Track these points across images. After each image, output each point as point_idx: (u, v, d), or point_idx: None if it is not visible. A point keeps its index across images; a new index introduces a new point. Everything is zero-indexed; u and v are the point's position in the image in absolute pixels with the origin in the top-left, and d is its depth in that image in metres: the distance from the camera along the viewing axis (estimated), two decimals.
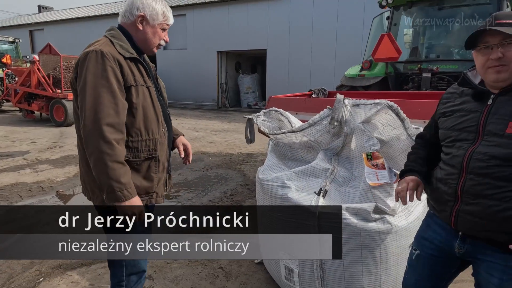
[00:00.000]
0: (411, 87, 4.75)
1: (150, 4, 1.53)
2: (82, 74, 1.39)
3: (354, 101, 2.01)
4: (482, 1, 4.46)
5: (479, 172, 1.16)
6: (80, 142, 1.48)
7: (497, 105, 1.17)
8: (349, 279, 1.89)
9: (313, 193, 1.98)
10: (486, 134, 1.17)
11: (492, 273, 1.20)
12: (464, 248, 1.26)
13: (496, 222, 1.13)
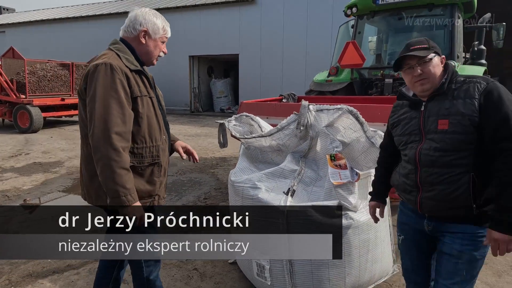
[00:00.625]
0: (375, 92, 5.03)
1: (151, 19, 1.68)
2: (92, 86, 1.48)
3: (318, 107, 2.17)
4: (437, 12, 4.80)
5: (428, 164, 1.42)
6: (86, 149, 1.57)
7: (428, 109, 1.45)
8: (316, 272, 2.03)
9: (282, 193, 2.11)
10: (427, 132, 1.44)
11: (454, 241, 1.44)
12: (431, 225, 1.51)
13: (450, 202, 1.38)
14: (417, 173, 1.46)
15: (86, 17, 17.70)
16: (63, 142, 8.19)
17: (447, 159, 1.37)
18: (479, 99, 1.34)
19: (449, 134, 1.36)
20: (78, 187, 4.90)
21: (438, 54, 1.45)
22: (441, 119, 1.39)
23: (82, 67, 11.09)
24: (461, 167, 1.35)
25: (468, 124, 1.33)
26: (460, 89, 1.40)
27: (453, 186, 1.37)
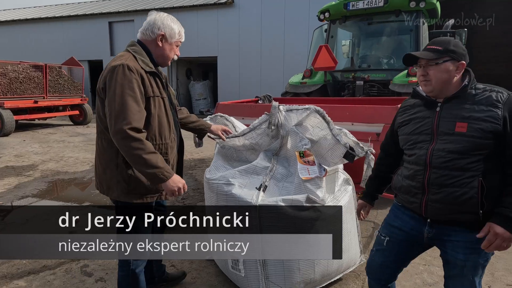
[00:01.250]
0: (347, 94, 5.25)
1: (169, 24, 1.80)
2: (111, 85, 1.60)
3: (287, 107, 2.30)
4: (403, 18, 5.08)
5: (440, 166, 1.40)
6: (101, 143, 1.72)
7: (444, 110, 1.44)
8: (287, 262, 2.15)
9: (254, 188, 2.22)
10: (440, 134, 1.42)
11: (457, 250, 1.45)
12: (432, 233, 1.50)
13: (458, 205, 1.38)
14: (425, 174, 1.44)
15: (60, 18, 17.28)
16: (36, 146, 8.00)
17: (461, 162, 1.36)
18: (503, 108, 1.33)
19: (466, 137, 1.36)
20: (53, 190, 4.84)
21: (456, 60, 1.41)
22: (459, 121, 1.38)
23: (56, 68, 10.85)
24: (472, 171, 1.35)
25: (489, 130, 1.33)
26: (480, 96, 1.39)
27: (462, 190, 1.36)
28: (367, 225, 3.58)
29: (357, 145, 2.22)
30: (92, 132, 10.29)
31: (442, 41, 1.45)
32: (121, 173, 1.70)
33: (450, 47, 1.42)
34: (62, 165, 6.21)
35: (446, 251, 1.50)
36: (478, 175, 1.35)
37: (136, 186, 1.73)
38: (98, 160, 1.80)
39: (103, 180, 1.77)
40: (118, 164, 1.69)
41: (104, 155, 1.71)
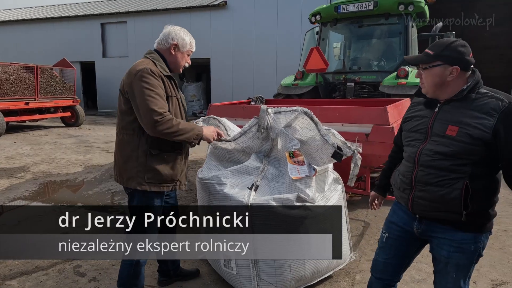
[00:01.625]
0: (338, 95, 5.32)
1: (181, 35, 2.07)
2: (137, 86, 1.85)
3: (276, 109, 2.33)
4: (393, 21, 5.18)
5: (426, 165, 1.44)
6: (122, 137, 1.96)
7: (441, 112, 1.45)
8: (278, 260, 2.19)
9: (246, 188, 2.26)
10: (433, 134, 1.45)
11: (442, 247, 1.47)
12: (421, 228, 1.53)
13: (441, 204, 1.41)
14: (413, 171, 1.48)
15: (52, 19, 17.15)
16: (27, 147, 7.94)
17: (446, 164, 1.38)
18: (497, 118, 1.31)
19: (455, 142, 1.36)
20: (45, 192, 4.83)
21: (448, 64, 1.40)
22: (451, 125, 1.38)
23: (47, 70, 10.77)
24: (458, 173, 1.37)
25: (477, 137, 1.32)
26: (479, 101, 1.37)
27: (446, 189, 1.38)
28: (357, 224, 3.65)
29: (344, 145, 2.27)
30: (84, 134, 10.23)
31: (437, 45, 1.45)
32: (141, 164, 1.92)
33: (444, 51, 1.40)
34: (54, 167, 6.18)
35: (433, 246, 1.54)
36: (464, 177, 1.36)
37: (154, 175, 1.94)
38: (119, 153, 2.00)
39: (123, 171, 1.96)
40: (139, 156, 1.92)
41: (126, 148, 1.94)
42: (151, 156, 1.92)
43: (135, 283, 2.11)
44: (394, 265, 1.70)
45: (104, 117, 15.50)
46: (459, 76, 1.42)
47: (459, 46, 1.42)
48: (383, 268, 1.73)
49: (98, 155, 7.29)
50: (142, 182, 1.92)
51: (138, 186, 1.92)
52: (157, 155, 1.93)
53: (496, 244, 3.14)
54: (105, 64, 16.49)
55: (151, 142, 1.92)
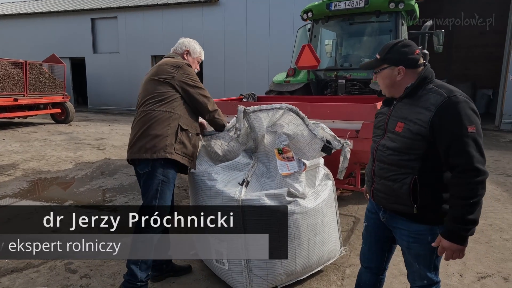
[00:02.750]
0: (329, 92, 5.35)
1: (192, 45, 2.50)
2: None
3: (256, 107, 2.31)
4: (383, 19, 5.21)
5: (380, 159, 1.55)
6: (157, 114, 2.17)
7: (395, 109, 1.55)
8: None
9: (237, 184, 2.28)
10: (388, 131, 1.55)
11: (402, 238, 1.56)
12: (385, 218, 1.62)
13: (394, 197, 1.51)
14: (373, 165, 1.60)
15: (40, 14, 16.86)
16: (16, 144, 7.83)
17: (395, 158, 1.47)
18: (434, 112, 1.36)
19: (399, 137, 1.45)
20: (35, 190, 4.78)
21: (394, 65, 1.48)
22: (399, 121, 1.47)
23: (36, 66, 10.60)
24: (407, 168, 1.44)
25: (416, 133, 1.39)
26: (424, 97, 1.43)
27: (396, 184, 1.47)
28: (347, 219, 3.70)
29: (334, 138, 2.30)
30: (75, 131, 10.12)
31: (383, 48, 1.53)
32: (172, 137, 2.17)
33: (388, 54, 1.50)
34: (43, 164, 6.12)
35: (396, 237, 1.63)
36: (413, 173, 1.43)
37: (181, 147, 2.21)
38: (148, 130, 2.16)
39: (153, 145, 2.13)
40: (172, 130, 2.18)
41: (159, 125, 2.15)
42: (182, 130, 2.21)
43: (146, 261, 2.21)
44: (377, 252, 1.78)
45: (94, 113, 15.34)
46: (408, 74, 1.49)
47: (402, 46, 1.49)
48: (369, 256, 1.81)
49: (89, 152, 7.23)
50: (172, 152, 2.16)
51: (169, 155, 2.14)
52: (185, 131, 2.23)
53: (482, 238, 3.22)
54: (95, 60, 16.29)
55: (182, 119, 2.22)
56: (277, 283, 2.31)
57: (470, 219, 1.32)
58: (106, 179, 5.28)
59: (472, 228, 1.35)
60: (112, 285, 2.44)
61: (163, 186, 2.20)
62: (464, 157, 1.31)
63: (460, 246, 1.37)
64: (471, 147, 1.31)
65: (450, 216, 1.37)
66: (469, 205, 1.31)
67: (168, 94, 2.21)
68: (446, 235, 1.38)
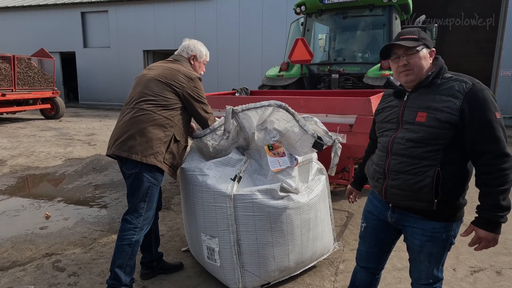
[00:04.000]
0: (323, 86, 5.32)
1: (199, 48, 2.45)
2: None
3: (244, 106, 2.23)
4: (377, 13, 5.18)
5: (399, 153, 1.45)
6: (156, 117, 2.11)
7: (410, 100, 1.48)
8: (261, 251, 2.18)
9: (229, 179, 2.23)
10: (403, 123, 1.47)
11: (414, 236, 1.51)
12: (394, 217, 1.56)
13: (412, 192, 1.42)
14: (386, 160, 1.50)
15: (29, 7, 16.51)
16: (4, 140, 7.67)
17: (417, 151, 1.40)
18: (463, 99, 1.33)
19: (424, 127, 1.38)
20: (23, 186, 4.68)
21: (428, 47, 1.44)
22: (420, 111, 1.40)
23: (25, 60, 10.38)
24: (429, 160, 1.38)
25: (445, 121, 1.34)
26: (445, 85, 1.39)
27: (418, 177, 1.39)
28: (341, 214, 3.68)
29: (326, 134, 2.26)
30: (65, 126, 9.96)
31: (412, 31, 1.47)
32: (165, 146, 2.13)
33: (422, 34, 1.45)
34: (32, 160, 6.00)
35: (406, 236, 1.57)
36: (435, 165, 1.37)
37: (170, 158, 2.17)
38: (144, 132, 2.08)
39: (145, 148, 2.07)
40: (166, 138, 2.13)
41: (156, 129, 2.10)
42: (175, 141, 2.18)
43: (131, 264, 2.15)
44: (375, 253, 1.73)
45: (85, 109, 15.13)
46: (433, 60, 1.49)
47: (425, 33, 1.49)
48: (366, 257, 1.76)
49: (79, 147, 7.11)
50: (161, 161, 2.12)
51: (158, 164, 2.10)
52: (177, 143, 2.20)
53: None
54: (86, 54, 16.03)
55: (176, 130, 2.19)
56: (270, 279, 2.27)
57: (505, 206, 1.31)
58: (97, 175, 5.19)
59: (506, 215, 1.32)
60: (101, 283, 2.39)
61: (153, 189, 2.15)
62: (496, 143, 1.30)
63: (496, 235, 1.34)
64: (501, 133, 1.31)
65: (485, 204, 1.34)
66: (504, 191, 1.30)
67: (172, 101, 2.17)
68: (484, 224, 1.34)
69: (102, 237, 3.12)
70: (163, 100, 2.15)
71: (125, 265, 2.11)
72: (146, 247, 2.41)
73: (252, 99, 3.56)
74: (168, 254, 2.81)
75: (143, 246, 2.40)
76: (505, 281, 2.47)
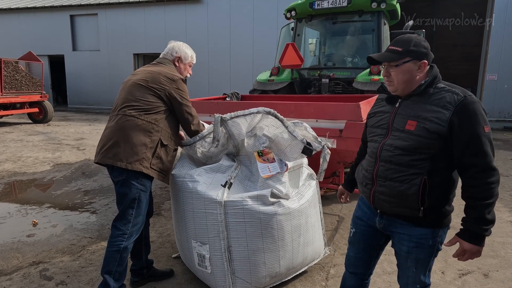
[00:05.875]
0: (313, 91, 5.36)
1: (183, 49, 2.40)
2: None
3: (233, 114, 2.22)
4: (366, 18, 5.25)
5: (387, 160, 1.46)
6: (139, 122, 2.08)
7: (402, 107, 1.48)
8: (252, 257, 2.17)
9: (220, 186, 2.22)
10: (393, 130, 1.47)
11: (402, 242, 1.51)
12: (382, 223, 1.56)
13: (400, 199, 1.43)
14: (375, 166, 1.50)
15: (16, 10, 16.27)
16: None
17: (405, 159, 1.40)
18: (453, 111, 1.33)
19: (413, 136, 1.38)
20: (10, 192, 4.59)
21: (417, 59, 1.41)
22: (411, 119, 1.40)
23: (12, 63, 10.21)
24: (416, 168, 1.38)
25: (433, 131, 1.34)
26: (437, 95, 1.39)
27: (405, 185, 1.40)
28: (331, 218, 3.70)
29: (315, 140, 2.27)
30: (53, 130, 9.82)
31: (403, 40, 1.44)
32: (151, 151, 2.10)
33: (410, 47, 1.41)
34: (19, 166, 5.89)
35: (394, 242, 1.58)
36: (422, 173, 1.38)
37: (158, 163, 2.14)
38: (128, 137, 2.06)
39: (129, 154, 2.04)
40: (152, 143, 2.10)
41: (140, 134, 2.07)
42: (162, 145, 2.14)
43: (120, 270, 2.14)
44: (364, 259, 1.73)
45: (74, 113, 14.94)
46: (424, 70, 1.45)
47: (423, 41, 1.44)
48: (355, 263, 1.76)
49: (68, 152, 7.01)
50: (148, 167, 2.09)
51: (144, 170, 2.06)
52: (165, 147, 2.16)
53: None
54: (75, 58, 15.85)
55: (163, 134, 2.15)
56: (261, 285, 2.27)
57: (490, 219, 1.32)
58: (86, 180, 5.12)
59: (491, 228, 1.34)
60: None
61: (140, 196, 2.13)
62: (483, 157, 1.31)
63: (480, 247, 1.36)
64: (488, 147, 1.31)
65: (471, 217, 1.35)
66: (488, 205, 1.31)
67: (155, 104, 2.13)
68: (468, 237, 1.35)
69: (91, 244, 3.08)
70: (145, 104, 2.12)
71: (114, 271, 2.10)
72: (136, 253, 2.39)
73: (242, 104, 3.57)
74: (158, 260, 2.79)
75: (133, 252, 2.38)
76: (492, 284, 2.51)
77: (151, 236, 3.21)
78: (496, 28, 10.70)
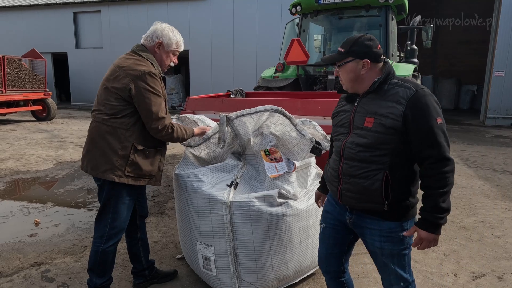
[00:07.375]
0: (319, 88, 5.26)
1: (167, 34, 2.05)
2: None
3: (239, 113, 2.12)
4: (373, 13, 5.14)
5: (349, 157, 1.49)
6: (105, 128, 1.90)
7: (360, 105, 1.51)
8: (259, 260, 2.10)
9: (225, 185, 2.15)
10: (354, 128, 1.50)
11: (373, 238, 1.52)
12: (352, 219, 1.58)
13: (365, 195, 1.46)
14: (340, 165, 1.53)
15: (20, 7, 16.26)
16: None
17: (366, 155, 1.44)
18: (406, 105, 1.37)
19: (371, 132, 1.42)
20: (13, 191, 4.54)
21: (359, 58, 1.45)
22: (368, 116, 1.44)
23: (15, 61, 10.19)
24: (377, 164, 1.42)
25: (389, 127, 1.38)
26: (391, 91, 1.43)
27: (368, 181, 1.44)
28: None
29: (324, 138, 2.19)
30: (57, 128, 9.79)
31: (347, 41, 1.50)
32: (124, 157, 1.91)
33: (352, 47, 1.46)
34: (22, 164, 5.86)
35: (366, 239, 1.57)
36: (384, 168, 1.42)
37: (135, 169, 1.95)
38: (97, 144, 1.93)
39: (100, 163, 1.91)
40: (123, 149, 1.91)
41: (109, 140, 1.89)
42: (136, 151, 1.93)
43: (103, 270, 2.09)
44: (335, 255, 1.72)
45: (78, 110, 14.93)
46: (372, 68, 1.48)
47: (366, 40, 1.48)
48: (326, 260, 1.75)
49: (71, 150, 6.97)
50: (121, 175, 1.92)
51: (116, 179, 1.91)
52: (141, 151, 1.95)
53: (474, 235, 3.18)
54: (78, 55, 15.83)
55: (136, 138, 1.94)
56: None
57: (445, 208, 1.36)
58: (89, 179, 5.07)
59: (446, 216, 1.38)
60: None
61: (112, 202, 1.98)
62: (437, 148, 1.35)
63: (436, 236, 1.40)
64: (441, 138, 1.35)
65: (426, 206, 1.39)
66: (443, 193, 1.35)
67: (119, 108, 1.89)
68: (424, 225, 1.39)
69: None
70: (109, 108, 1.91)
71: (95, 269, 2.07)
72: (134, 256, 2.33)
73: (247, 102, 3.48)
74: (162, 261, 2.72)
75: (131, 255, 2.32)
76: (507, 287, 2.42)
77: (154, 237, 3.14)
78: (503, 24, 10.52)
